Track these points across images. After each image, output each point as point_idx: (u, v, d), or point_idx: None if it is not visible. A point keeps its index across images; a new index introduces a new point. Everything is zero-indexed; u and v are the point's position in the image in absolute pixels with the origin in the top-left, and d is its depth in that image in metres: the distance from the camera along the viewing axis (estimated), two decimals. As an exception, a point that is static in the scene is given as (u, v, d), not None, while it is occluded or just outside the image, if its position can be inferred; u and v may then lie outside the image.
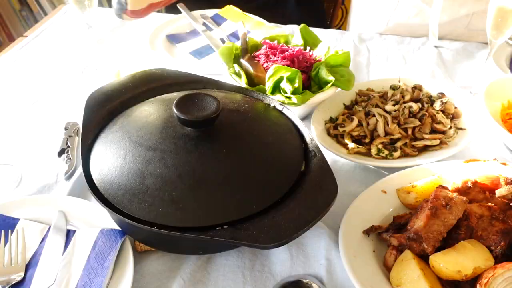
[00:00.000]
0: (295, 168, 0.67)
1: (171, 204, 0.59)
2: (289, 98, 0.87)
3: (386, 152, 0.84)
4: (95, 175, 0.65)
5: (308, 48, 1.00)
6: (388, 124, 0.87)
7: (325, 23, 1.92)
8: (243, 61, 0.97)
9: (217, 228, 0.58)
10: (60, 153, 0.89)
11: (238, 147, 0.68)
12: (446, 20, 1.25)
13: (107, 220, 0.71)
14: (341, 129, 0.89)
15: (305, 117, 0.98)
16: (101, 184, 0.63)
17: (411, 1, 1.27)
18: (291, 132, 0.73)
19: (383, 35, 1.31)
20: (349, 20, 1.49)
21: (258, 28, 1.27)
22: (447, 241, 0.64)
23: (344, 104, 0.98)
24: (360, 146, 0.86)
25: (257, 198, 0.61)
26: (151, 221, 0.59)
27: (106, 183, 0.63)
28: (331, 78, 0.89)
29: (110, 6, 2.30)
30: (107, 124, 0.75)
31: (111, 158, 0.67)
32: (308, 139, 0.72)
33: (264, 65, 0.94)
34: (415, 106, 0.88)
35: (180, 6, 1.34)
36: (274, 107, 0.79)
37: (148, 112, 0.75)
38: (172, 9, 1.41)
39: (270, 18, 1.32)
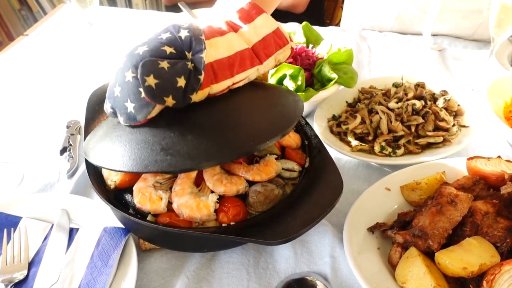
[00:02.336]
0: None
1: None
2: (292, 95, 0.86)
3: (390, 149, 0.84)
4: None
5: (310, 45, 1.00)
6: (391, 122, 0.87)
7: (324, 22, 1.92)
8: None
9: (224, 225, 0.57)
10: (62, 151, 0.89)
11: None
12: (450, 30, 1.24)
13: (110, 218, 0.71)
14: (344, 127, 0.88)
15: (308, 115, 0.98)
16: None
17: (411, 11, 1.26)
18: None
19: (383, 32, 1.31)
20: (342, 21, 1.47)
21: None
22: (453, 238, 0.64)
23: (347, 101, 0.97)
24: (363, 144, 0.86)
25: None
26: None
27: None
28: (334, 75, 0.89)
29: (110, 4, 2.30)
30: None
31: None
32: (311, 136, 0.71)
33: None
34: (418, 104, 0.88)
35: (181, 5, 1.34)
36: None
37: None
38: (173, 7, 1.41)
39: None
